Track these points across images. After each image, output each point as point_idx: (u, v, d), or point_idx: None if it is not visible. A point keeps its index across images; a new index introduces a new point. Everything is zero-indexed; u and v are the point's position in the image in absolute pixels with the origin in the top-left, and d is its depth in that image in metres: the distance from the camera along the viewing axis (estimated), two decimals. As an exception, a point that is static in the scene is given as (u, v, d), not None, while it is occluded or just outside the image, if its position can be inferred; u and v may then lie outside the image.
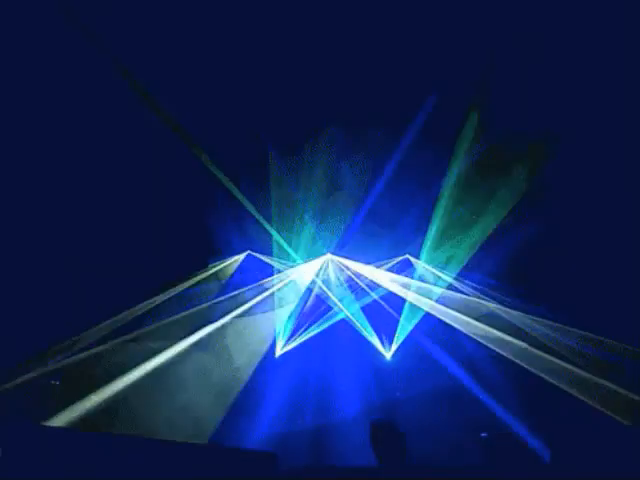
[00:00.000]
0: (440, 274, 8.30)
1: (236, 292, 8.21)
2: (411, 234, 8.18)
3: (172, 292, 7.81)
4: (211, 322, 7.65)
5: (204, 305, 7.86)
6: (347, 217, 8.12)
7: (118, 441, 2.32)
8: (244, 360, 7.57)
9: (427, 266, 8.38)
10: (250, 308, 8.12)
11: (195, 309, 7.75)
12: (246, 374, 7.44)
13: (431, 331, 7.88)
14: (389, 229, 8.09)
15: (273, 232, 8.18)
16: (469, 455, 5.78)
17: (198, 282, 8.08)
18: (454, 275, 8.17)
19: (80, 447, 2.15)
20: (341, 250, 8.62)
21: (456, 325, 7.77)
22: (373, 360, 7.90)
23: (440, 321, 7.85)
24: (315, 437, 6.63)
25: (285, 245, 8.36)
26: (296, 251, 8.49)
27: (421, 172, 7.54)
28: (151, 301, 7.57)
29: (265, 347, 7.94)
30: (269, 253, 8.50)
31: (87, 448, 2.15)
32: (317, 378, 7.54)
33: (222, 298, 8.07)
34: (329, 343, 8.01)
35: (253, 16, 6.11)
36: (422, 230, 8.06)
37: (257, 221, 8.00)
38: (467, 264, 7.98)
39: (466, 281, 8.18)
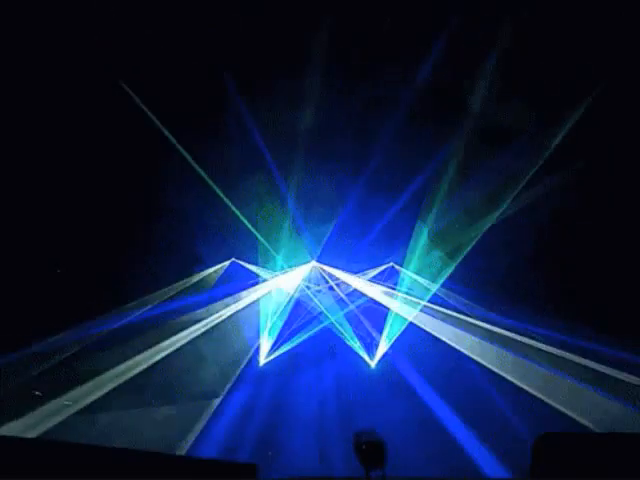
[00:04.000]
0: (425, 283, 8.32)
1: (219, 300, 8.13)
2: (397, 242, 8.20)
3: (156, 300, 7.74)
4: (192, 330, 7.59)
5: (186, 312, 7.79)
6: (332, 224, 8.12)
7: (93, 451, 2.25)
8: (226, 369, 7.49)
9: (412, 275, 8.41)
10: (233, 316, 8.05)
11: (176, 316, 7.68)
12: (228, 383, 7.36)
13: (414, 340, 7.89)
14: (374, 236, 8.11)
15: (258, 239, 8.14)
16: (453, 467, 5.79)
17: (181, 291, 8.00)
18: (439, 284, 8.19)
19: (52, 458, 2.08)
20: (326, 258, 8.61)
21: (441, 336, 7.80)
22: (357, 368, 7.88)
23: (423, 330, 7.87)
24: (297, 448, 6.56)
25: (270, 252, 8.32)
26: (281, 258, 8.45)
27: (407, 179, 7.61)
28: (133, 306, 7.50)
29: (248, 355, 7.87)
30: (254, 260, 8.45)
31: (60, 459, 2.08)
32: (301, 387, 7.49)
33: (205, 306, 8.00)
34: (313, 351, 7.97)
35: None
36: (407, 238, 8.09)
37: (242, 228, 7.96)
38: (453, 273, 8.00)
39: (451, 290, 8.21)
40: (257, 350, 8.00)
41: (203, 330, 7.74)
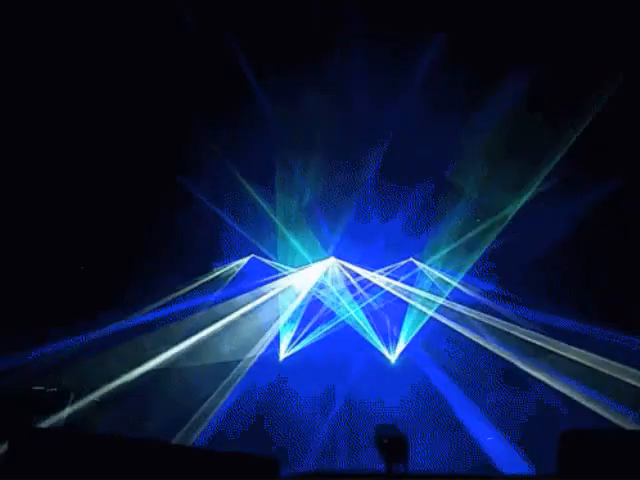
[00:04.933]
0: (444, 278, 8.22)
1: (239, 295, 8.17)
2: (415, 237, 8.12)
3: (176, 296, 7.82)
4: (211, 325, 7.66)
5: (205, 309, 7.86)
6: (351, 220, 8.08)
7: (116, 443, 2.28)
8: (246, 364, 7.54)
9: (431, 270, 8.31)
10: (253, 311, 8.08)
11: (196, 313, 7.75)
12: (248, 378, 7.40)
13: (434, 335, 7.82)
14: (392, 232, 8.04)
15: (277, 235, 8.15)
16: (472, 460, 5.73)
17: (201, 286, 8.07)
18: (459, 279, 8.09)
19: (75, 449, 2.10)
20: (345, 253, 8.56)
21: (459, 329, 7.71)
22: (377, 364, 7.83)
23: (443, 325, 7.79)
24: (318, 442, 6.57)
25: (289, 249, 8.32)
26: (300, 255, 8.43)
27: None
28: (156, 305, 7.60)
29: (268, 351, 7.89)
30: (273, 257, 8.46)
31: (83, 450, 2.11)
32: (320, 382, 7.48)
33: (224, 301, 8.05)
34: (332, 347, 7.95)
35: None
36: (426, 233, 8.00)
37: (262, 224, 7.98)
38: (472, 269, 7.89)
39: (470, 285, 8.10)
40: (277, 345, 8.04)
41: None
